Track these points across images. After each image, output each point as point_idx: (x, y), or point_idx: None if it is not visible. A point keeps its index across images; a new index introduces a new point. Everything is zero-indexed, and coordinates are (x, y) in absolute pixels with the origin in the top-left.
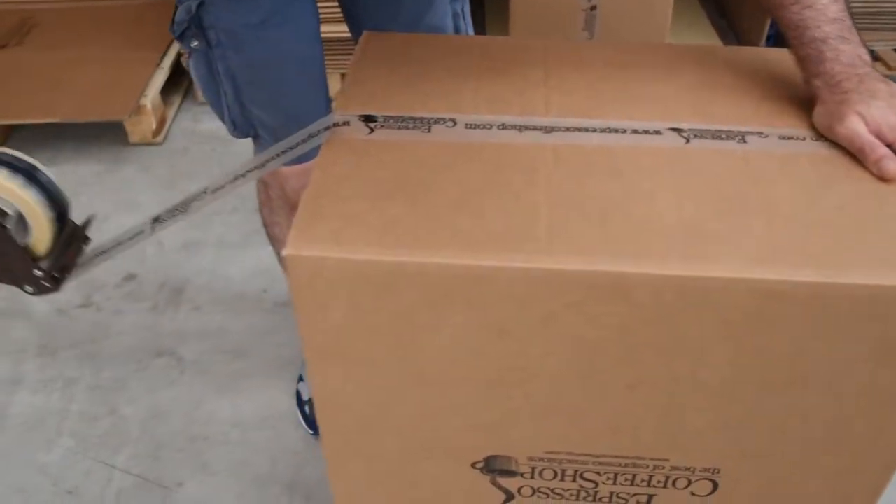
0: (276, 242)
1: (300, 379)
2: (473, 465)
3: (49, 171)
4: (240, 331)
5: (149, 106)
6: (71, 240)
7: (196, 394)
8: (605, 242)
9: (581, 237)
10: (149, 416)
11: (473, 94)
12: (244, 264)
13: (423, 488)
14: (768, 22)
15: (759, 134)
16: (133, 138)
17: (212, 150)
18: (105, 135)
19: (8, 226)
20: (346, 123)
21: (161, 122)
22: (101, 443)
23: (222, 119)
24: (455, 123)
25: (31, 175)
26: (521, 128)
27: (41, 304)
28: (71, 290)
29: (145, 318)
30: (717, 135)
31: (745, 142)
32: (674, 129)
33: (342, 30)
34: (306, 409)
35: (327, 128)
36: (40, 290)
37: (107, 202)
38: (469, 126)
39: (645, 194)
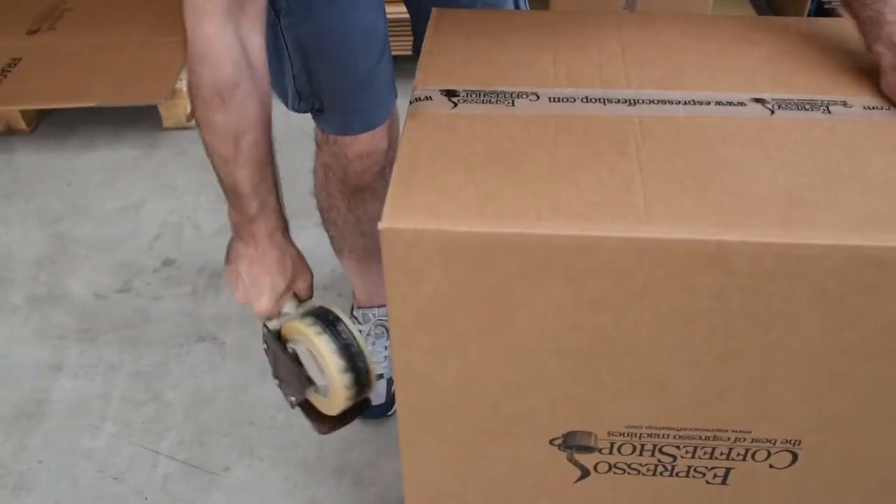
0: (331, 226)
1: None
2: (552, 442)
3: (355, 332)
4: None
5: (184, 90)
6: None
7: (239, 378)
8: (702, 212)
9: (678, 207)
10: (192, 402)
11: (552, 67)
12: None
13: (497, 465)
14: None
15: (843, 104)
16: (167, 122)
17: None
18: (140, 119)
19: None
20: (429, 98)
21: None
22: (145, 428)
23: (284, 94)
24: (538, 97)
25: (337, 335)
26: (605, 100)
27: (80, 289)
28: (109, 274)
29: (185, 302)
30: (801, 105)
31: (829, 112)
32: (757, 100)
33: (397, 10)
34: None
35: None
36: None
37: (143, 187)
38: (553, 99)
39: (737, 164)
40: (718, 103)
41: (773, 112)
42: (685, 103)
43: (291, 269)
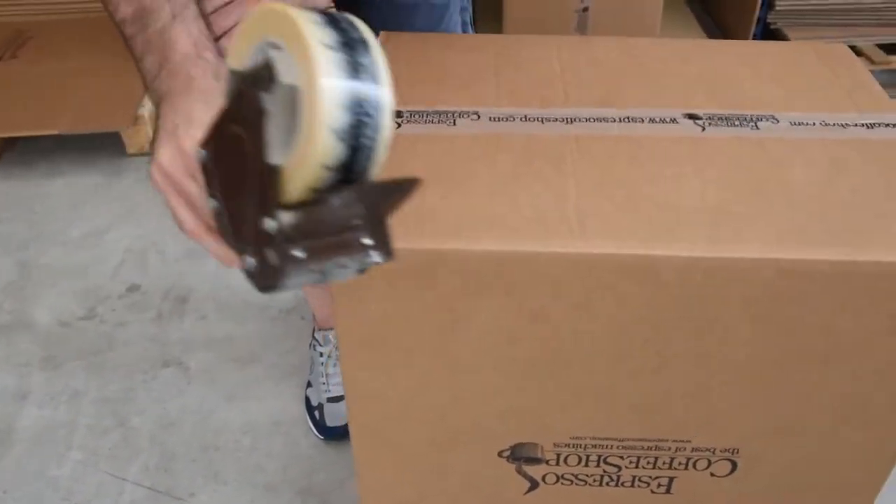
0: None
1: (308, 385)
2: (500, 454)
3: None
4: (246, 338)
5: (146, 116)
6: (378, 193)
7: (205, 403)
8: (634, 226)
9: (611, 222)
10: (158, 427)
11: (495, 88)
12: None
13: (450, 478)
14: (754, 20)
15: (772, 118)
16: (131, 149)
17: None
18: (104, 146)
19: (267, 107)
20: None
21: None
22: (112, 455)
23: None
24: (479, 116)
25: (349, 49)
26: (544, 119)
27: (45, 316)
28: (74, 301)
29: (150, 328)
30: (731, 121)
31: (757, 128)
32: (689, 116)
33: None
34: (316, 414)
35: None
36: (256, 277)
37: (108, 214)
38: (493, 119)
39: (668, 180)
40: (652, 120)
41: (704, 129)
42: (620, 121)
43: None
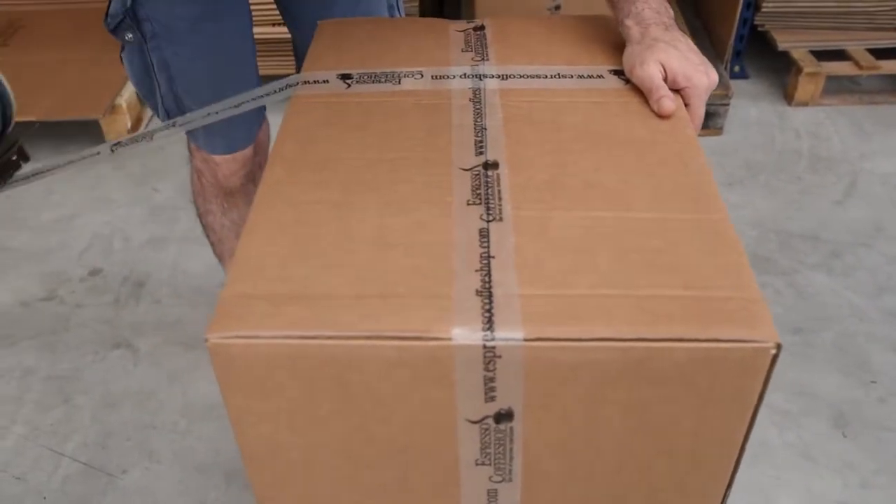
0: (210, 232)
1: None
2: None
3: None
4: (195, 323)
5: (124, 105)
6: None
7: (148, 384)
8: None
9: None
10: (101, 406)
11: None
12: (206, 259)
13: None
14: (736, 22)
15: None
16: (108, 137)
17: (185, 150)
18: (82, 134)
19: None
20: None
21: (137, 122)
22: (53, 431)
23: (155, 109)
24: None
25: None
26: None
27: (6, 297)
28: (36, 283)
29: (106, 311)
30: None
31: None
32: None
33: (274, 31)
34: None
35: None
36: None
37: (79, 200)
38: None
39: None
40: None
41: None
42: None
43: None
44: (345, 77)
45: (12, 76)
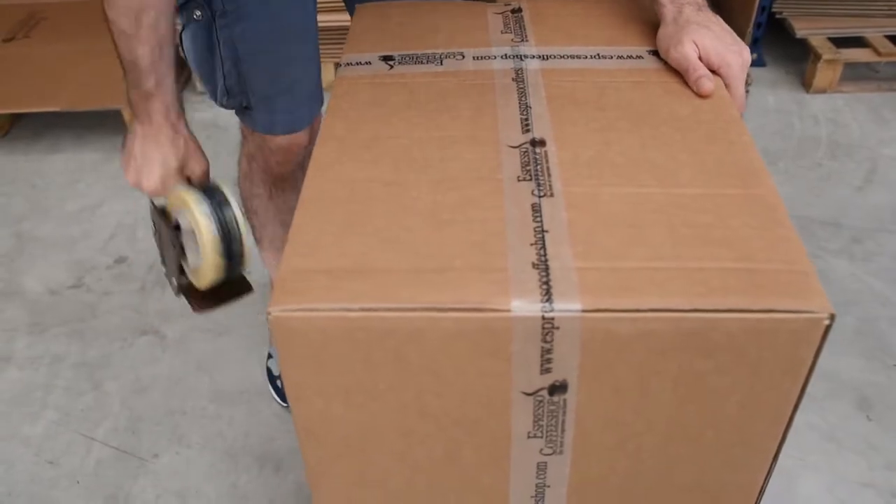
0: (252, 216)
1: (269, 356)
2: None
3: (237, 211)
4: (221, 310)
5: None
6: (229, 286)
7: (176, 370)
8: None
9: None
10: (130, 392)
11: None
12: None
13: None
14: (755, 10)
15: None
16: (130, 127)
17: (207, 138)
18: (105, 124)
19: (179, 235)
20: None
21: None
22: (84, 416)
23: (213, 89)
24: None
25: (218, 207)
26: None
27: (35, 285)
28: (64, 271)
29: (133, 298)
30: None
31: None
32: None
33: (333, 19)
34: (278, 383)
35: None
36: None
37: (103, 189)
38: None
39: None
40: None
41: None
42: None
43: (184, 149)
44: (387, 59)
45: (34, 67)
